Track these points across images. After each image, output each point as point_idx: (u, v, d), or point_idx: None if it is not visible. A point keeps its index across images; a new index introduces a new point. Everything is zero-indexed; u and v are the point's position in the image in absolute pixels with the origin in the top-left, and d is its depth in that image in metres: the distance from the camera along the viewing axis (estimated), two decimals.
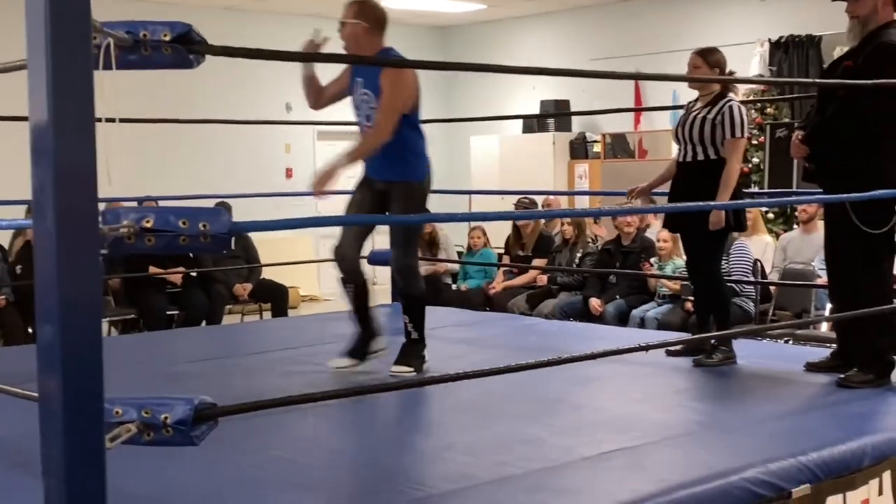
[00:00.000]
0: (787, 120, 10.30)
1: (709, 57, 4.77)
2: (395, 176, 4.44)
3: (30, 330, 7.66)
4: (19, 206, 8.57)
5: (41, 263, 2.01)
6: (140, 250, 2.21)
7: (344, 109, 4.61)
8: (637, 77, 7.13)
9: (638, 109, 11.46)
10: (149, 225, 2.20)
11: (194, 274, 8.37)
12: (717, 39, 10.70)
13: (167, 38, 2.14)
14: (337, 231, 4.58)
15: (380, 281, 12.04)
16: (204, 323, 8.27)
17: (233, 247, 8.52)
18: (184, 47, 2.15)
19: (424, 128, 4.53)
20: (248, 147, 12.19)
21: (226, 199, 7.76)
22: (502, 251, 9.53)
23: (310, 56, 4.46)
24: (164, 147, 11.27)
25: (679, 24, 11.57)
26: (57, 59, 1.94)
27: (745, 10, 11.16)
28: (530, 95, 12.82)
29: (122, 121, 2.22)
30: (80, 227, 2.01)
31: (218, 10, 11.91)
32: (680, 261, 7.39)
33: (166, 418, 2.12)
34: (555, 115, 11.86)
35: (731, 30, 11.00)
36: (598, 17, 12.43)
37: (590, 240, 8.82)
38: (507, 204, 10.22)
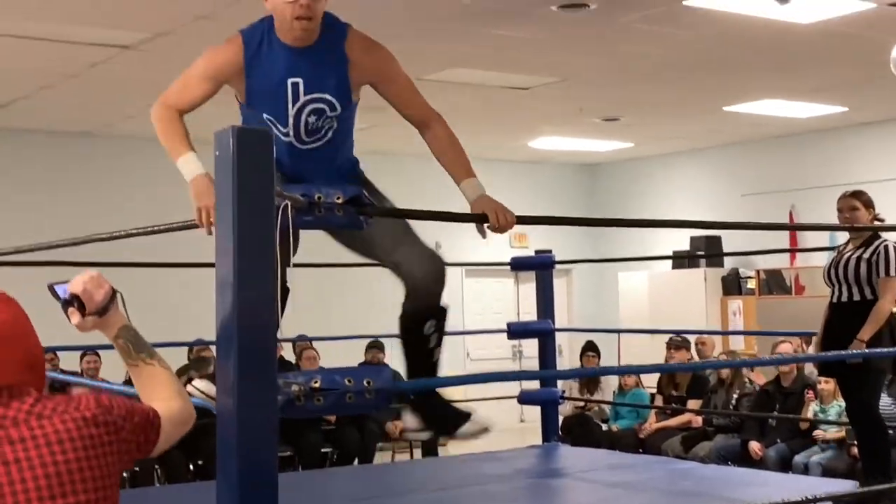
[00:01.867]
0: None
1: (862, 197, 4.73)
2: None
3: (191, 466, 7.88)
4: (181, 347, 8.98)
5: (222, 400, 2.11)
6: (311, 412, 2.28)
7: (491, 248, 4.46)
8: (791, 228, 7.02)
9: (792, 250, 11.21)
10: (317, 385, 2.29)
11: None
12: (870, 174, 10.55)
13: (339, 201, 2.27)
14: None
15: (528, 420, 11.98)
16: (356, 461, 8.35)
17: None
18: (355, 209, 2.28)
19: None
20: (398, 284, 12.42)
21: (379, 338, 7.91)
22: (655, 391, 9.38)
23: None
24: (312, 287, 11.61)
25: (832, 159, 11.41)
26: (242, 219, 2.08)
27: None
28: (680, 231, 12.74)
29: (296, 265, 2.34)
30: (259, 367, 2.12)
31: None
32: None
33: None
34: (706, 255, 11.75)
35: (884, 165, 10.80)
36: (748, 152, 12.36)
37: (747, 380, 8.61)
38: (658, 342, 10.09)
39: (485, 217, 3.01)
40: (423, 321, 3.35)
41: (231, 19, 6.48)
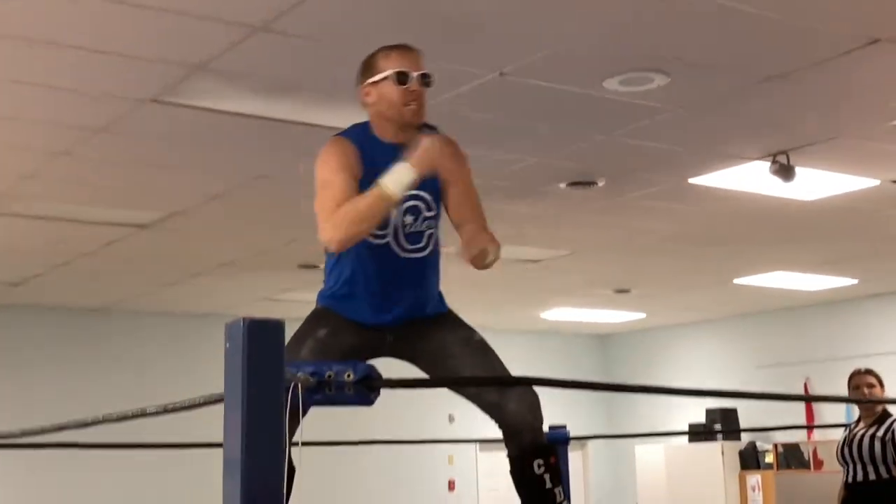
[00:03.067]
0: None
1: (874, 373, 4.72)
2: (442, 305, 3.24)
3: None
4: None
5: None
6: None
7: None
8: (806, 399, 6.99)
9: (809, 427, 11.07)
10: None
11: None
12: (883, 346, 10.52)
13: (350, 378, 2.27)
14: None
15: None
16: None
17: None
18: (365, 386, 2.28)
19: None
20: (411, 458, 12.28)
21: None
22: None
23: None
24: (328, 467, 11.46)
25: (845, 331, 11.39)
26: (251, 404, 2.08)
27: None
28: (695, 404, 12.62)
29: (303, 444, 2.32)
30: None
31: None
32: None
33: None
34: (722, 431, 11.61)
35: None
36: (762, 323, 12.36)
37: None
38: None
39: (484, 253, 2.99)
40: (531, 461, 3.12)
41: (243, 199, 6.65)
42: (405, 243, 3.02)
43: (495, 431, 6.14)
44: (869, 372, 4.74)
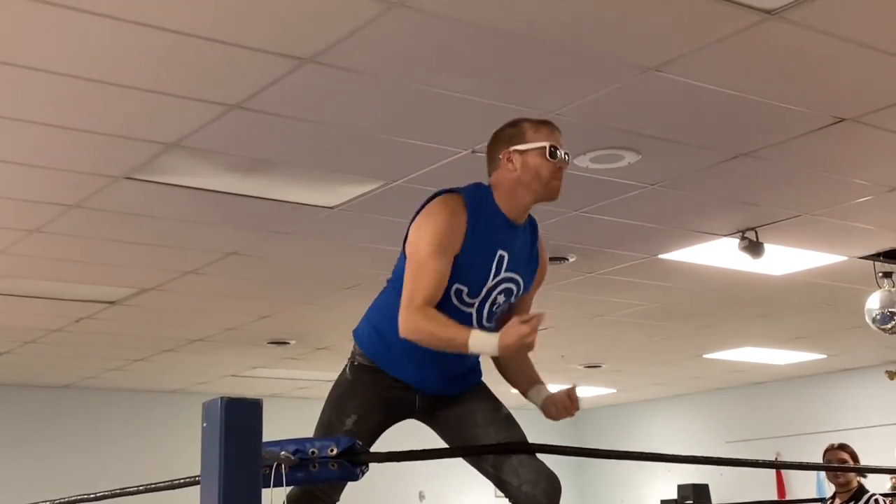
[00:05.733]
0: None
1: (848, 449, 4.74)
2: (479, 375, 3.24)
3: None
4: None
5: None
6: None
7: (474, 498, 4.35)
8: (776, 466, 6.98)
9: (780, 503, 11.03)
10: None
11: None
12: (855, 420, 10.56)
13: (333, 453, 2.26)
14: None
15: None
16: None
17: None
18: (348, 461, 2.26)
19: None
20: None
21: None
22: None
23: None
24: None
25: (815, 406, 11.44)
26: (228, 483, 2.06)
27: (884, 391, 11.01)
28: (667, 478, 12.58)
29: None
30: None
31: None
32: None
33: None
34: None
35: (867, 411, 10.82)
36: (732, 398, 12.39)
37: None
38: None
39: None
40: None
41: (214, 275, 6.63)
42: (485, 320, 2.97)
43: None
44: (843, 447, 4.75)
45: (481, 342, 2.73)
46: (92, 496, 2.74)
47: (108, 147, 4.49)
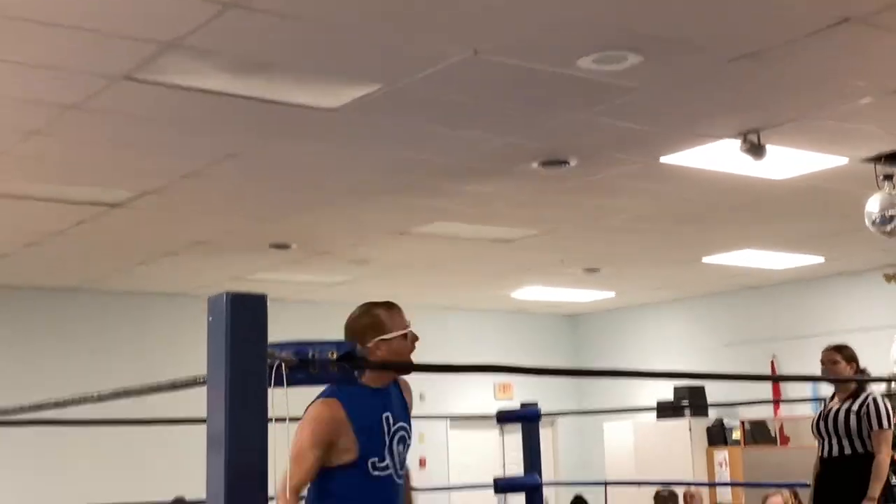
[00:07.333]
0: None
1: (844, 352, 4.79)
2: None
3: None
4: None
5: None
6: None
7: (475, 399, 4.57)
8: (774, 379, 7.06)
9: (775, 401, 11.21)
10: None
11: None
12: (851, 323, 10.65)
13: (334, 357, 2.28)
14: None
15: None
16: None
17: None
18: (349, 364, 2.29)
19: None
20: None
21: None
22: None
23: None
24: None
25: (812, 309, 11.53)
26: (235, 379, 2.09)
27: (882, 294, 11.09)
28: (664, 381, 12.72)
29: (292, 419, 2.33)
30: None
31: None
32: None
33: None
34: (690, 405, 11.72)
35: (867, 315, 10.90)
36: (729, 302, 12.47)
37: None
38: (646, 495, 9.97)
39: None
40: None
41: (217, 176, 6.63)
42: (398, 469, 3.50)
43: (465, 408, 6.13)
44: (836, 349, 4.80)
45: None
46: (95, 395, 2.77)
47: (106, 46, 4.45)
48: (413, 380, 3.74)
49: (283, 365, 2.21)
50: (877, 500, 4.43)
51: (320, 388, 3.33)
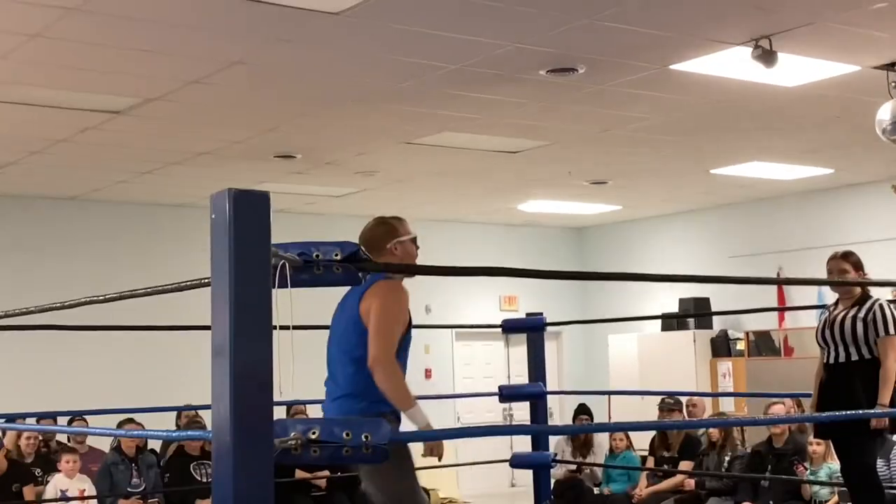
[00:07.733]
0: None
1: (851, 258, 4.76)
2: None
3: None
4: (171, 412, 8.92)
5: (218, 460, 2.08)
6: (306, 461, 2.27)
7: (480, 311, 4.68)
8: (779, 282, 7.05)
9: (780, 309, 11.23)
10: (314, 436, 2.27)
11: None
12: (858, 235, 10.61)
13: (338, 258, 2.26)
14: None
15: (520, 484, 11.85)
16: None
17: None
18: (353, 265, 2.27)
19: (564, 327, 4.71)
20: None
21: None
22: (646, 453, 9.32)
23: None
24: (306, 350, 11.55)
25: (819, 221, 11.48)
26: (239, 280, 2.07)
27: (889, 206, 11.03)
28: (668, 293, 12.76)
29: (295, 328, 2.33)
30: (256, 428, 2.09)
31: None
32: (834, 465, 7.10)
33: None
34: (694, 315, 11.75)
35: (872, 225, 10.86)
36: (736, 214, 12.43)
37: (738, 442, 8.57)
38: (648, 404, 10.06)
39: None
40: None
41: (221, 84, 6.55)
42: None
43: (471, 319, 6.16)
44: (843, 256, 4.77)
45: (419, 419, 3.84)
46: (101, 297, 2.77)
47: None
48: (418, 292, 3.93)
49: (286, 265, 2.19)
50: (887, 406, 4.44)
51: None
